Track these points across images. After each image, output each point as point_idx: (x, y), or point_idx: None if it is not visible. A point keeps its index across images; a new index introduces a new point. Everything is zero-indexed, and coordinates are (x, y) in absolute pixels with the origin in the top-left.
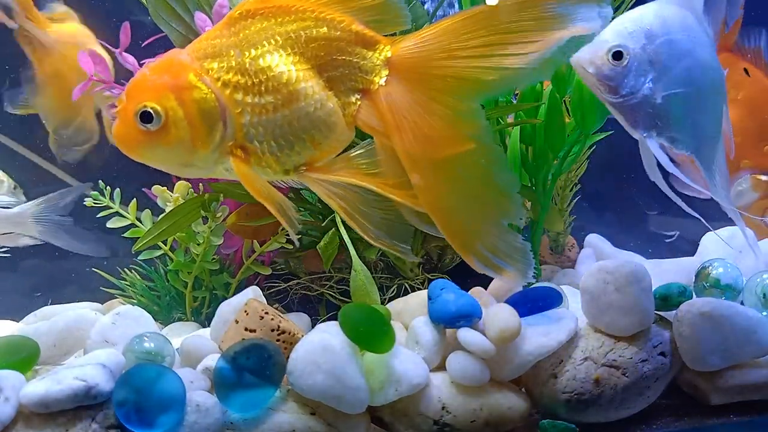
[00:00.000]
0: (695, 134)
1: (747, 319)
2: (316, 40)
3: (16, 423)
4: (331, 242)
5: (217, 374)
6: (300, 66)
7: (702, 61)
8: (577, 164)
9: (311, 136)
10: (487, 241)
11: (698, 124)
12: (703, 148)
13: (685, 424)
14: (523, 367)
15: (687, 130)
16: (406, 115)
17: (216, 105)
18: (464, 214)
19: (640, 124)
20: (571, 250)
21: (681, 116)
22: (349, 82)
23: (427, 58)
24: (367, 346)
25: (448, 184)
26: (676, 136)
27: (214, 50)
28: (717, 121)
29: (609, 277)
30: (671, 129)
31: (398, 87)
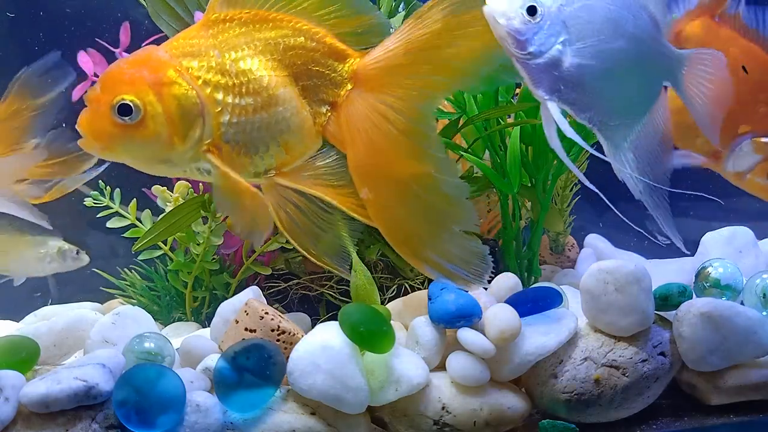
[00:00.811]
0: (603, 108)
1: (747, 319)
2: (294, 49)
3: (16, 423)
4: None
5: (217, 374)
6: (278, 72)
7: (629, 37)
8: (577, 164)
9: (285, 141)
10: (438, 248)
11: (609, 98)
12: (611, 124)
13: (685, 424)
14: (523, 367)
15: (594, 101)
16: (360, 128)
17: (196, 102)
18: (414, 224)
19: (543, 85)
20: (571, 250)
21: (589, 86)
22: (320, 93)
23: (387, 70)
24: (367, 346)
25: (398, 196)
26: (579, 104)
27: (193, 49)
28: (638, 102)
29: (609, 277)
30: (575, 96)
31: (357, 100)
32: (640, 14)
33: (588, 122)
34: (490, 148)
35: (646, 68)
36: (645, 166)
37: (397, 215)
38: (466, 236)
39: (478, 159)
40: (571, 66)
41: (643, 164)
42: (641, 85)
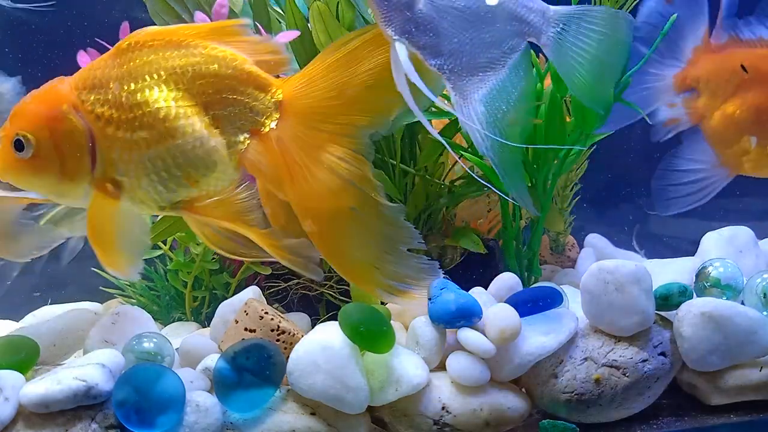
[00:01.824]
0: (454, 56)
1: (747, 319)
2: (205, 77)
3: (15, 423)
4: None
5: (217, 374)
6: (182, 102)
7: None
8: (577, 164)
9: (187, 174)
10: (388, 271)
11: (461, 46)
12: (462, 73)
13: (685, 424)
14: (524, 367)
15: (445, 47)
16: (297, 160)
17: (85, 138)
18: (361, 251)
19: (394, 24)
20: (571, 250)
21: (441, 31)
22: (238, 122)
23: (316, 99)
24: (367, 346)
25: (342, 226)
26: (430, 49)
27: (95, 81)
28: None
29: (609, 277)
30: (426, 40)
31: (289, 131)
32: None
33: (438, 69)
34: None
35: (506, 20)
36: (497, 122)
37: (344, 245)
38: (412, 254)
39: (478, 159)
40: (424, 8)
41: (494, 120)
42: (499, 37)
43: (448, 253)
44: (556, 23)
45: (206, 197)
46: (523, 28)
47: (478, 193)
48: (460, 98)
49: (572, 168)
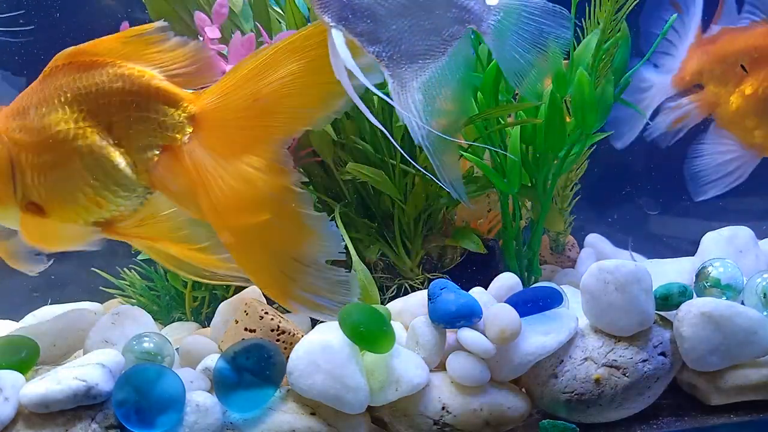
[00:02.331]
0: (392, 42)
1: (747, 319)
2: (108, 96)
3: (15, 423)
4: None
5: (217, 374)
6: (83, 123)
7: None
8: (577, 164)
9: (94, 195)
10: (306, 283)
11: (399, 32)
12: (400, 60)
13: (685, 424)
14: (524, 367)
15: (383, 34)
16: (212, 173)
17: (7, 163)
18: (279, 262)
19: (330, 10)
20: (571, 250)
21: (379, 17)
22: (146, 139)
23: (231, 110)
24: (367, 346)
25: (260, 238)
26: (367, 35)
27: (20, 107)
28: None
29: (609, 277)
30: (363, 26)
31: (203, 144)
32: None
33: (376, 56)
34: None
35: (446, 7)
36: (435, 110)
37: (259, 255)
38: (330, 267)
39: (478, 159)
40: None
41: (433, 108)
42: (439, 24)
43: (448, 253)
44: (497, 11)
45: (124, 218)
46: (463, 15)
47: (478, 193)
48: (398, 86)
49: (572, 168)
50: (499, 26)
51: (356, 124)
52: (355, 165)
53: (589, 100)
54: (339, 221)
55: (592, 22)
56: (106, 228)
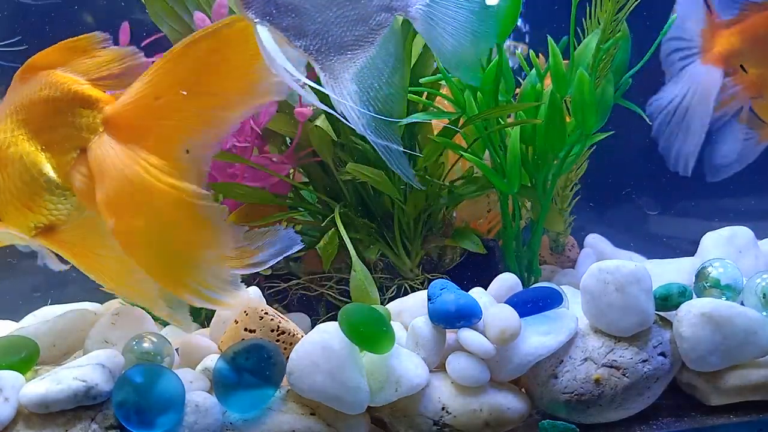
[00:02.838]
0: (319, 35)
1: (747, 319)
2: (37, 104)
3: (15, 423)
4: (330, 242)
5: (217, 374)
6: (18, 131)
7: None
8: (577, 164)
9: (25, 199)
10: (198, 275)
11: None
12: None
13: (685, 424)
14: (523, 367)
15: (309, 27)
16: (111, 170)
17: None
18: (172, 253)
19: (254, 7)
20: (571, 250)
21: (303, 10)
22: (68, 143)
23: (137, 110)
24: (367, 346)
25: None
26: (293, 30)
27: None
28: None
29: (609, 277)
30: (288, 21)
31: (108, 143)
32: None
33: (304, 50)
34: (490, 148)
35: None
36: (372, 99)
37: (155, 246)
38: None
39: (478, 159)
40: None
41: (369, 98)
42: (365, 13)
43: (448, 253)
44: None
45: (62, 223)
46: (390, 2)
47: (478, 193)
48: (330, 78)
49: (572, 168)
50: (428, 10)
51: None
52: (355, 165)
53: (589, 100)
54: (339, 221)
55: (593, 22)
56: (46, 234)
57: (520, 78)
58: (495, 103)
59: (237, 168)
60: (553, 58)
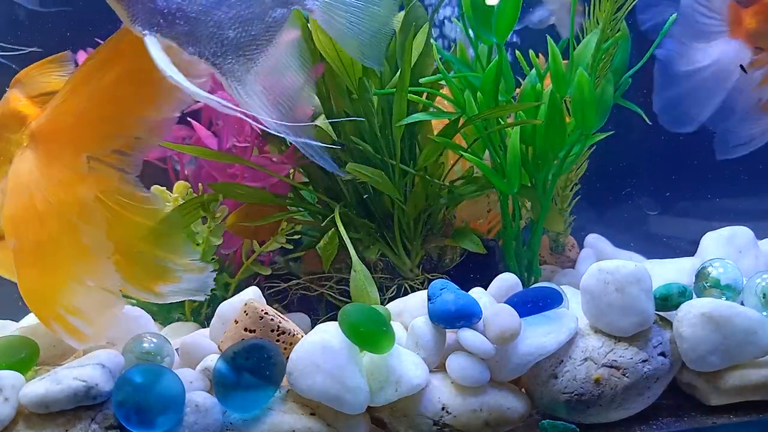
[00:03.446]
0: (212, 40)
1: (747, 319)
2: None
3: (15, 423)
4: (330, 242)
5: (217, 374)
6: None
7: None
8: (577, 164)
9: None
10: (68, 302)
11: (216, 28)
12: (226, 57)
13: (685, 424)
14: (523, 367)
15: (199, 33)
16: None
17: None
18: (51, 277)
19: (140, 19)
20: (571, 250)
21: (190, 17)
22: (8, 157)
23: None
24: (367, 346)
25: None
26: (184, 38)
27: None
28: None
29: (609, 278)
30: (177, 29)
31: (27, 158)
32: None
33: (198, 56)
34: (490, 148)
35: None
36: (279, 96)
37: (39, 267)
38: (100, 291)
39: (478, 159)
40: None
41: (276, 95)
42: (260, 11)
43: (448, 253)
44: None
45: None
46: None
47: (478, 193)
48: (234, 81)
49: (572, 168)
50: (325, 1)
51: (356, 125)
52: (355, 165)
53: (589, 100)
54: (339, 221)
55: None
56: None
57: (520, 78)
58: (495, 103)
59: (237, 168)
60: (552, 58)
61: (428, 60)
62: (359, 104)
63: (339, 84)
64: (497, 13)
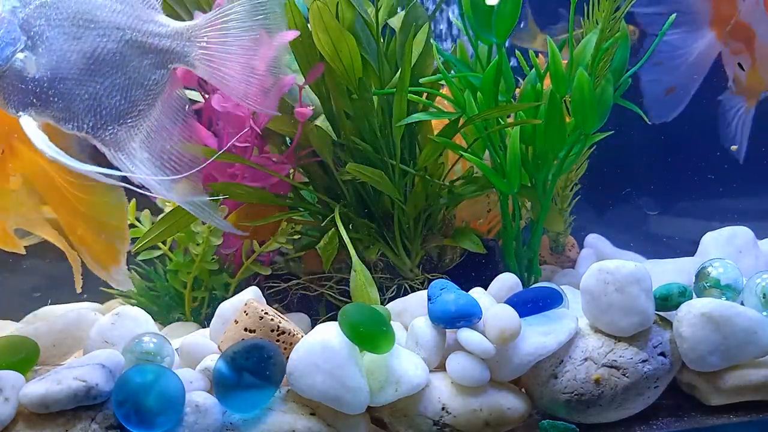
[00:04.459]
0: (89, 113)
1: (747, 319)
2: None
3: (16, 423)
4: (330, 242)
5: (217, 374)
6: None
7: (107, 27)
8: (577, 164)
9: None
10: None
11: (93, 101)
12: (106, 128)
13: (685, 424)
14: (523, 367)
15: (75, 108)
16: None
17: None
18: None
19: (13, 102)
20: (571, 250)
21: (64, 93)
22: None
23: None
24: (367, 346)
25: None
26: (60, 115)
27: None
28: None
29: (609, 278)
30: (53, 107)
31: None
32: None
33: (77, 131)
34: (490, 148)
35: (139, 57)
36: (167, 162)
37: None
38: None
39: (478, 159)
40: (38, 75)
41: (163, 161)
42: (137, 77)
43: (448, 253)
44: (199, 39)
45: None
46: (162, 58)
47: (478, 193)
48: (117, 152)
49: (572, 168)
50: (206, 54)
51: (356, 125)
52: (355, 165)
53: (589, 100)
54: (339, 221)
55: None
56: None
57: (520, 78)
58: (495, 103)
59: (237, 168)
60: (552, 58)
61: (428, 60)
62: (359, 104)
63: (339, 84)
64: (497, 13)
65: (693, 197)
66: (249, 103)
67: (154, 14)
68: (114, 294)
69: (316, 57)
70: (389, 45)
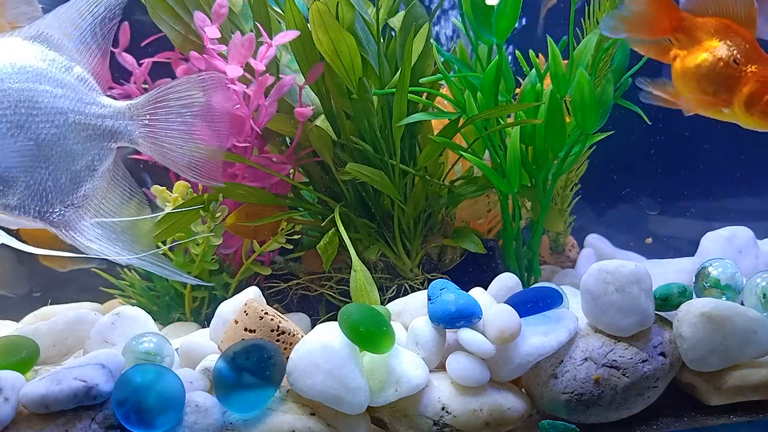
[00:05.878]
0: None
1: (747, 319)
2: None
3: (15, 423)
4: (330, 242)
5: (217, 374)
6: None
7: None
8: (577, 164)
9: None
10: None
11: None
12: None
13: (685, 424)
14: (523, 367)
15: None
16: None
17: None
18: None
19: None
20: (571, 250)
21: (10, 181)
22: None
23: None
24: (367, 346)
25: None
26: (8, 201)
27: None
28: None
29: (609, 278)
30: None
31: None
32: (62, 81)
33: (24, 216)
34: (490, 148)
35: (82, 140)
36: (119, 233)
37: None
38: None
39: (478, 159)
40: None
41: (117, 232)
42: (80, 157)
43: (448, 253)
44: (141, 117)
45: None
46: (105, 137)
47: (478, 193)
48: (68, 231)
49: (572, 168)
50: (150, 131)
51: (356, 125)
52: (355, 165)
53: (589, 100)
54: (339, 221)
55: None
56: None
57: (520, 78)
58: (495, 103)
59: (237, 168)
60: (552, 58)
61: (428, 60)
62: (359, 104)
63: (339, 84)
64: (497, 13)
65: (693, 197)
66: (194, 176)
67: (96, 95)
68: (114, 294)
69: (316, 57)
70: (389, 45)
